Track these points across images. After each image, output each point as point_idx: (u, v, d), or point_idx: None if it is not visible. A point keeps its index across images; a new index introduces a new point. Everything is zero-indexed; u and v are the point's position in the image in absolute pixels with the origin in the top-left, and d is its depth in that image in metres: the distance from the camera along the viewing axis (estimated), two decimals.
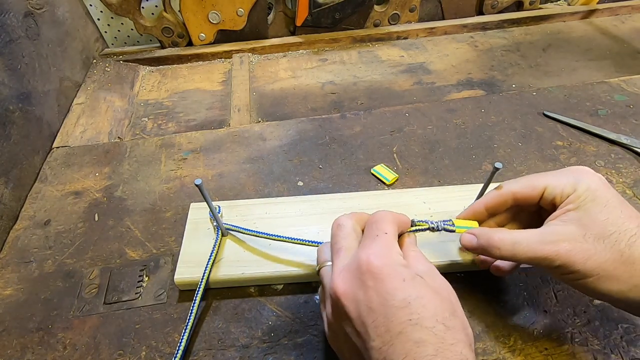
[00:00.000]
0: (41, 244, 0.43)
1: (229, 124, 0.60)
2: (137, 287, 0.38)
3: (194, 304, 0.35)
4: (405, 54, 0.76)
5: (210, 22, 0.74)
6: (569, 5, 0.86)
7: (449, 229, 0.33)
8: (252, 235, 0.38)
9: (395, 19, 0.80)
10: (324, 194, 0.44)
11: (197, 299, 0.35)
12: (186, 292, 0.37)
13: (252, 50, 0.76)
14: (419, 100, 0.64)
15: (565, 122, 0.53)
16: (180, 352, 0.32)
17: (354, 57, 0.76)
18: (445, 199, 0.42)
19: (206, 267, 0.36)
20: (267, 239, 0.37)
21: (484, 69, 0.71)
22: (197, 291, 0.35)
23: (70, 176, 0.50)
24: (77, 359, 0.34)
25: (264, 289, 0.38)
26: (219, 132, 0.55)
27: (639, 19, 0.83)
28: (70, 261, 0.41)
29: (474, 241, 0.31)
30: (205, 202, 0.36)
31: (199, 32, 0.75)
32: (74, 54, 0.66)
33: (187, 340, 0.33)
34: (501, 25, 0.81)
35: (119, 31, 0.78)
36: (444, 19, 0.83)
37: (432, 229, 0.33)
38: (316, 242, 0.35)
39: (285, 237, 0.36)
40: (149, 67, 0.75)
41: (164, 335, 0.35)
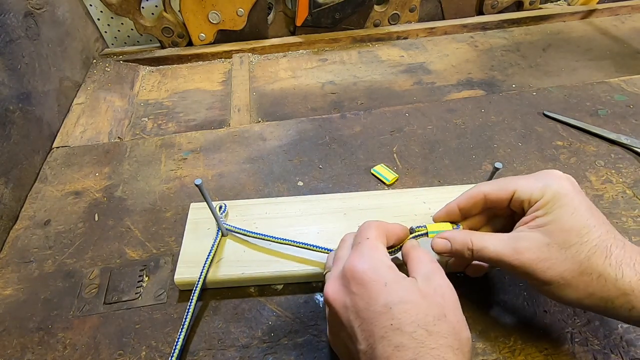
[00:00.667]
0: (41, 244, 0.43)
1: (229, 124, 0.60)
2: (137, 287, 0.38)
3: (191, 302, 0.35)
4: (405, 54, 0.76)
5: (210, 22, 0.74)
6: (569, 5, 0.86)
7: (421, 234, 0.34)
8: (258, 238, 0.38)
9: (395, 19, 0.80)
10: (324, 194, 0.45)
11: (194, 297, 0.35)
12: (186, 292, 0.37)
13: (252, 50, 0.76)
14: (419, 100, 0.64)
15: (565, 122, 0.53)
16: (177, 351, 0.32)
17: (354, 57, 0.76)
18: (445, 199, 0.41)
19: (204, 267, 0.36)
20: (281, 243, 0.37)
21: (484, 69, 0.71)
22: (194, 290, 0.35)
23: (70, 176, 0.50)
24: (77, 359, 0.34)
25: (264, 289, 0.38)
26: (219, 132, 0.55)
27: (639, 19, 0.83)
28: (70, 261, 0.41)
29: (447, 246, 0.31)
30: (205, 202, 0.36)
31: (199, 32, 0.75)
32: (74, 54, 0.66)
33: (184, 339, 0.33)
34: (501, 25, 0.81)
35: (119, 31, 0.78)
36: (444, 19, 0.83)
37: (426, 234, 0.34)
38: (326, 249, 0.35)
39: (296, 242, 0.36)
40: (149, 67, 0.75)
41: (164, 335, 0.35)
